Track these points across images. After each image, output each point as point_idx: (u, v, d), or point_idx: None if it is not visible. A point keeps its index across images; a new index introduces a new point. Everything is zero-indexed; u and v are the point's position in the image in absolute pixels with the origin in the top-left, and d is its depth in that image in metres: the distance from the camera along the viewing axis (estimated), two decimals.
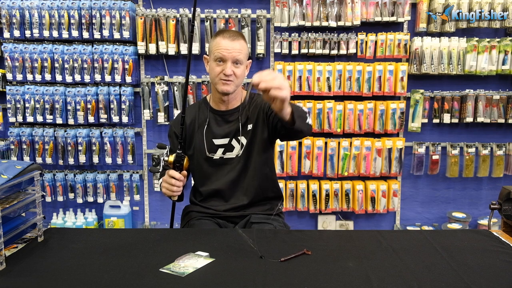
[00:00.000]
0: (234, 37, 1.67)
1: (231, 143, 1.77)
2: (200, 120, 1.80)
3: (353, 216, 3.44)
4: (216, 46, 1.67)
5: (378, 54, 3.18)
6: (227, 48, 1.65)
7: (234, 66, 1.67)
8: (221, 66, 1.67)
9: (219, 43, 1.67)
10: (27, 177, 1.33)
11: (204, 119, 1.79)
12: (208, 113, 1.80)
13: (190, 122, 1.80)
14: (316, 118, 3.20)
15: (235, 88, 1.71)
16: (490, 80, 3.31)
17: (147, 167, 3.43)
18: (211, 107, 1.81)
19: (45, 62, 3.18)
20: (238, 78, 1.69)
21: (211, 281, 1.14)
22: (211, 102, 1.82)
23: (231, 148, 1.77)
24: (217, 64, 1.68)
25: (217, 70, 1.68)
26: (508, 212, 1.59)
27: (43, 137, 3.25)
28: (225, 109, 1.78)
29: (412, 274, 1.18)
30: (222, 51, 1.65)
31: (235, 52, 1.65)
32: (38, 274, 1.18)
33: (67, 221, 3.34)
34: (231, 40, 1.66)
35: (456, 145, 3.30)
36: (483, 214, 3.44)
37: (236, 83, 1.70)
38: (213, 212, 1.79)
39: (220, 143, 1.76)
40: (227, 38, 1.66)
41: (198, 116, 1.81)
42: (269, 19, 3.24)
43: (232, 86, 1.69)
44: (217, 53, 1.66)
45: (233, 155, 1.76)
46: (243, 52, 1.69)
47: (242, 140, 1.76)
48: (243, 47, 1.69)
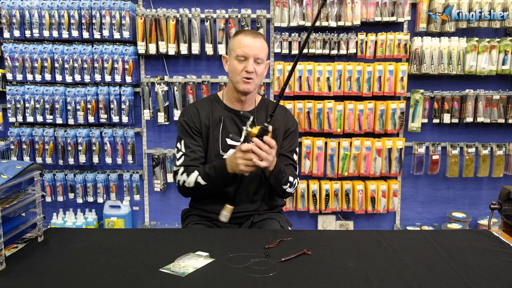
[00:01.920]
0: (255, 36, 1.68)
1: None
2: (215, 117, 1.76)
3: (353, 216, 3.44)
4: (238, 44, 1.67)
5: (378, 54, 3.18)
6: (249, 45, 1.65)
7: (255, 64, 1.67)
8: (243, 63, 1.67)
9: (241, 41, 1.67)
10: (27, 177, 1.33)
11: (219, 117, 1.76)
12: (222, 111, 1.77)
13: (205, 117, 1.76)
14: (316, 118, 3.20)
15: (255, 87, 1.71)
16: (490, 80, 3.31)
17: (147, 167, 3.43)
18: (225, 105, 1.78)
19: (45, 62, 3.18)
20: (258, 77, 1.69)
21: (211, 281, 1.14)
22: (225, 100, 1.79)
23: None
24: (238, 61, 1.67)
25: (238, 68, 1.67)
26: (508, 212, 1.59)
27: (43, 137, 3.25)
28: (240, 109, 1.76)
29: (412, 274, 1.18)
30: (244, 49, 1.65)
31: (257, 50, 1.66)
32: (38, 274, 1.18)
33: (67, 221, 3.34)
34: (253, 38, 1.67)
35: (456, 145, 3.30)
36: (483, 214, 3.44)
37: (256, 82, 1.70)
38: (214, 216, 1.76)
39: (232, 143, 1.74)
40: (249, 36, 1.67)
41: (212, 112, 1.77)
42: (269, 19, 3.24)
43: (253, 84, 1.69)
44: (239, 51, 1.66)
45: None
46: (264, 51, 1.70)
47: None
48: (264, 46, 1.70)
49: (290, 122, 1.81)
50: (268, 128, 1.50)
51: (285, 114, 1.82)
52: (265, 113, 1.79)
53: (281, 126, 1.78)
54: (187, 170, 1.68)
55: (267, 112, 1.79)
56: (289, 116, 1.83)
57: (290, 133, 1.80)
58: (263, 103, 1.82)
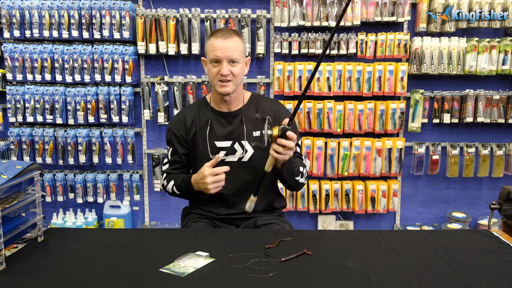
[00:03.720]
0: (226, 36, 1.64)
1: (234, 147, 1.73)
2: (202, 121, 1.76)
3: (353, 216, 3.44)
4: (210, 48, 1.65)
5: (378, 54, 3.18)
6: (220, 48, 1.62)
7: (230, 65, 1.64)
8: (217, 67, 1.65)
9: (213, 44, 1.64)
10: (27, 177, 1.33)
11: (206, 120, 1.75)
12: (209, 113, 1.76)
13: (192, 123, 1.77)
14: (316, 118, 3.20)
15: (234, 87, 1.68)
16: (490, 80, 3.31)
17: (147, 167, 3.43)
18: (212, 107, 1.77)
19: (45, 62, 3.18)
20: (237, 77, 1.66)
21: (211, 281, 1.14)
22: (212, 103, 1.78)
23: (233, 151, 1.73)
24: (213, 65, 1.65)
25: (213, 72, 1.65)
26: (508, 212, 1.59)
27: (43, 137, 3.25)
28: (227, 111, 1.75)
29: (412, 274, 1.18)
30: (216, 52, 1.63)
31: (229, 51, 1.62)
32: (38, 274, 1.18)
33: (67, 221, 3.34)
34: (224, 39, 1.63)
35: (456, 145, 3.30)
36: (483, 214, 3.44)
37: (235, 83, 1.67)
38: (213, 215, 1.77)
39: (222, 145, 1.73)
40: (220, 38, 1.63)
41: (199, 117, 1.77)
42: (269, 19, 3.24)
43: (231, 86, 1.66)
44: (211, 55, 1.64)
45: (234, 159, 1.72)
46: (238, 50, 1.65)
47: (246, 145, 1.72)
48: (238, 44, 1.66)
49: (275, 118, 1.75)
50: (286, 127, 1.49)
51: (277, 108, 1.79)
52: (255, 110, 1.76)
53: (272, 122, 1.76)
54: (168, 177, 1.80)
55: (257, 109, 1.76)
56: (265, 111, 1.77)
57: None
58: (253, 99, 1.79)
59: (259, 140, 1.67)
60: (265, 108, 1.77)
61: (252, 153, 1.73)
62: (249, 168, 1.72)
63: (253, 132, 1.74)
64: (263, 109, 1.76)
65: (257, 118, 1.67)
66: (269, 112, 1.73)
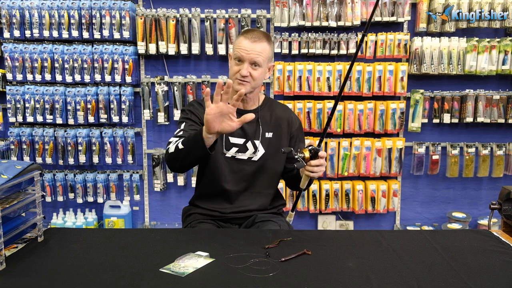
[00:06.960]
0: (256, 39, 1.65)
1: (246, 145, 1.75)
2: None
3: (353, 216, 3.44)
4: (237, 45, 1.67)
5: (378, 54, 3.18)
6: (246, 49, 1.64)
7: (251, 67, 1.65)
8: (239, 65, 1.66)
9: (240, 43, 1.66)
10: (27, 177, 1.33)
11: None
12: None
13: None
14: (316, 118, 3.20)
15: (250, 89, 1.69)
16: (490, 80, 3.31)
17: (147, 167, 3.43)
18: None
19: (45, 62, 3.18)
20: (255, 80, 1.67)
21: (211, 281, 1.13)
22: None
23: (244, 149, 1.74)
24: (235, 63, 1.67)
25: (234, 69, 1.67)
26: (508, 212, 1.59)
27: (43, 137, 3.25)
28: (243, 108, 1.76)
29: (412, 274, 1.18)
30: (241, 51, 1.64)
31: (254, 54, 1.64)
32: (38, 274, 1.17)
33: (67, 221, 3.34)
34: (252, 41, 1.64)
35: (456, 145, 3.30)
36: (483, 214, 3.44)
37: (252, 85, 1.68)
38: (216, 214, 1.77)
39: (235, 142, 1.74)
40: (249, 39, 1.65)
41: None
42: (269, 19, 3.24)
43: (248, 87, 1.67)
44: (236, 52, 1.66)
45: (244, 157, 1.74)
46: (263, 55, 1.66)
47: (258, 145, 1.75)
48: (264, 49, 1.66)
49: (288, 122, 1.82)
50: (316, 148, 1.52)
51: (279, 117, 1.81)
52: (269, 113, 1.79)
53: (283, 131, 1.79)
54: (176, 140, 1.66)
55: (271, 112, 1.80)
56: (280, 115, 1.81)
57: (298, 134, 1.85)
58: (267, 101, 1.83)
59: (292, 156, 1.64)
60: (278, 112, 1.81)
61: (263, 153, 1.75)
62: (257, 168, 1.75)
63: (266, 133, 1.77)
64: (277, 112, 1.81)
65: (282, 151, 1.65)
66: (282, 116, 1.80)
